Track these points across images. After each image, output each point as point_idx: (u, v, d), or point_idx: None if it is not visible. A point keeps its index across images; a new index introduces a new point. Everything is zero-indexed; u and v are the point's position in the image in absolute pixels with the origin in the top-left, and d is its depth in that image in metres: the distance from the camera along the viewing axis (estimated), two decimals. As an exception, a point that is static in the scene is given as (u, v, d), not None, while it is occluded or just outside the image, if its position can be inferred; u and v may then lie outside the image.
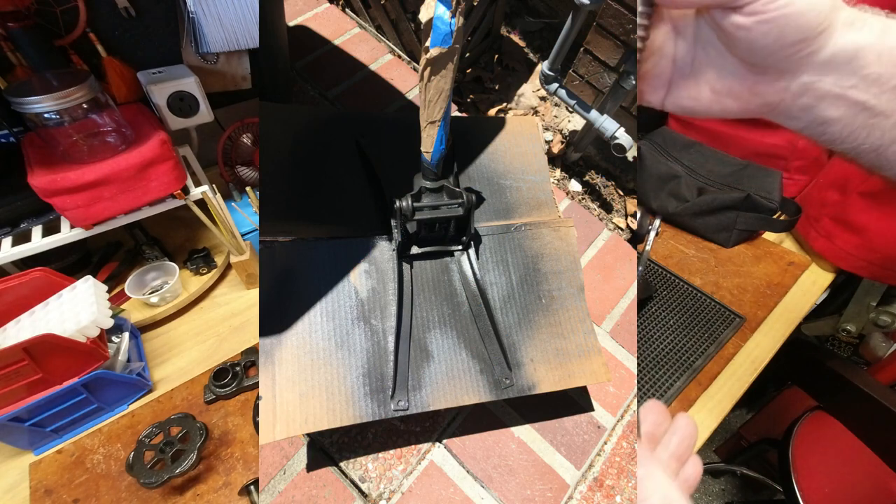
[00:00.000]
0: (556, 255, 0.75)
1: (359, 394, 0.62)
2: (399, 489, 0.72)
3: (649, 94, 0.32)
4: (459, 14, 0.45)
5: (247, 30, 0.93)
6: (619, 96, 0.98)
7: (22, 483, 0.72)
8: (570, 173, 1.22)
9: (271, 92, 1.03)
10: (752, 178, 1.11)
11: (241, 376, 0.82)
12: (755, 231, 1.12)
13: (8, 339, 0.73)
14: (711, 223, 1.11)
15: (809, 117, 0.29)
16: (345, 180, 0.73)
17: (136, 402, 0.82)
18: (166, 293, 0.92)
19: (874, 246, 1.00)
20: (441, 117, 0.54)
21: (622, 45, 1.00)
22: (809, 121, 0.29)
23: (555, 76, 1.02)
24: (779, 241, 1.16)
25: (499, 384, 0.66)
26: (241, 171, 1.10)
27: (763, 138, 1.15)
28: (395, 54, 1.25)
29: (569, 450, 0.79)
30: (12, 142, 0.82)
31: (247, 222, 1.05)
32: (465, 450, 0.77)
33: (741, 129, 1.17)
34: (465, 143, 0.79)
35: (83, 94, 0.72)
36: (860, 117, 0.27)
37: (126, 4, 0.85)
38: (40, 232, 0.81)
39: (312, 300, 0.65)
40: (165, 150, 0.82)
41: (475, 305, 0.69)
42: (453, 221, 0.66)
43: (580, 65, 1.12)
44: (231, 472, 0.73)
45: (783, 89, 0.28)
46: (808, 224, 1.11)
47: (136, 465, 0.68)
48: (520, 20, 1.38)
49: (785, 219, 1.10)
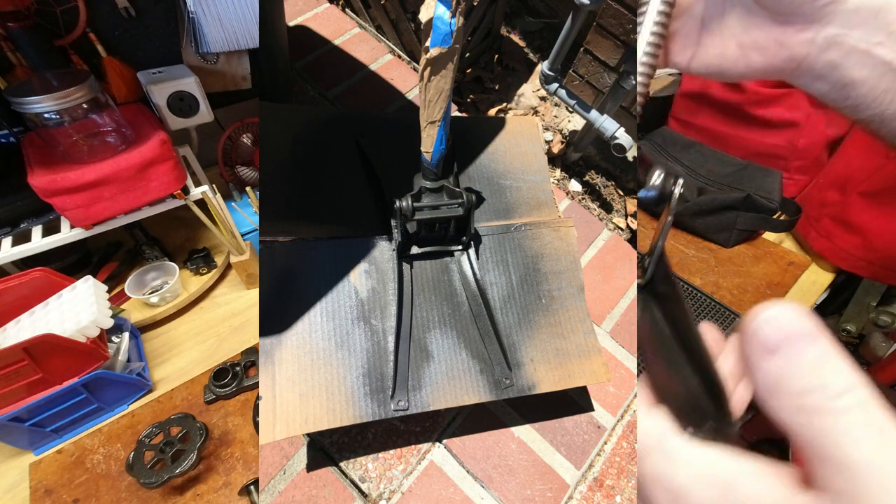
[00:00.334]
0: (556, 255, 0.75)
1: (359, 394, 0.62)
2: (399, 489, 0.72)
3: (677, 54, 0.31)
4: (459, 14, 0.45)
5: (247, 30, 0.93)
6: (619, 96, 0.98)
7: (22, 483, 0.72)
8: (570, 173, 1.22)
9: (271, 92, 1.03)
10: (752, 178, 1.11)
11: (241, 376, 0.82)
12: (755, 231, 1.12)
13: (8, 339, 0.72)
14: (711, 223, 1.11)
15: (834, 77, 0.28)
16: (345, 180, 0.73)
17: (136, 402, 0.82)
18: (166, 293, 0.92)
19: (874, 246, 1.00)
20: (441, 117, 0.54)
21: (622, 45, 1.00)
22: (834, 82, 0.28)
23: (555, 76, 1.02)
24: (779, 241, 1.16)
25: (499, 384, 0.66)
26: (241, 171, 1.10)
27: (763, 138, 1.15)
28: (395, 54, 1.25)
29: (569, 450, 0.79)
30: (12, 142, 0.82)
31: (247, 222, 1.05)
32: (465, 450, 0.77)
33: (741, 129, 1.17)
34: (465, 143, 0.79)
35: (83, 94, 0.72)
36: (886, 79, 0.27)
37: (126, 4, 0.85)
38: (40, 232, 0.81)
39: (312, 300, 0.65)
40: (165, 150, 0.81)
41: (475, 305, 0.69)
42: (453, 221, 0.66)
43: (580, 65, 1.12)
44: (231, 472, 0.73)
45: (809, 41, 0.27)
46: (808, 224, 1.11)
47: (136, 465, 0.68)
48: (520, 20, 1.38)
49: (785, 219, 1.10)
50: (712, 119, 1.18)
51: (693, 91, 1.20)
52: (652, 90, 1.14)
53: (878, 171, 0.96)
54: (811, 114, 1.08)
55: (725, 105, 1.15)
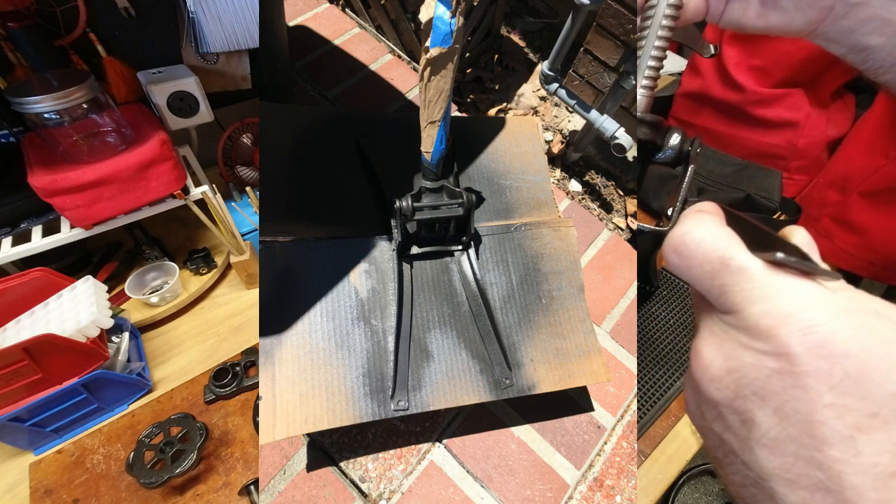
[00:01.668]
0: (556, 255, 0.75)
1: (359, 394, 0.62)
2: (399, 489, 0.72)
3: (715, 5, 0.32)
4: (459, 14, 0.45)
5: (247, 30, 0.93)
6: (619, 96, 0.98)
7: (22, 483, 0.72)
8: (570, 173, 1.22)
9: (271, 92, 1.03)
10: (752, 178, 1.10)
11: (241, 376, 0.82)
12: (755, 231, 1.12)
13: (8, 339, 0.72)
14: (711, 223, 1.11)
15: (851, 41, 0.28)
16: (345, 180, 0.73)
17: (136, 402, 0.82)
18: (166, 293, 0.92)
19: (874, 246, 1.00)
20: (441, 117, 0.54)
21: (622, 45, 1.00)
22: (851, 46, 0.28)
23: (555, 76, 1.02)
24: (779, 241, 1.16)
25: (499, 384, 0.66)
26: (241, 171, 1.10)
27: (763, 138, 1.15)
28: (395, 54, 1.25)
29: (569, 450, 0.79)
30: (12, 142, 0.82)
31: (247, 222, 1.05)
32: (465, 450, 0.77)
33: (741, 129, 1.17)
34: (465, 143, 0.79)
35: (83, 94, 0.72)
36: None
37: (126, 4, 0.85)
38: (40, 232, 0.81)
39: (312, 300, 0.65)
40: (165, 150, 0.81)
41: (475, 305, 0.69)
42: (453, 221, 0.66)
43: (580, 65, 1.12)
44: (231, 472, 0.72)
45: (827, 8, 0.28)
46: (808, 224, 1.11)
47: (136, 465, 0.68)
48: (520, 20, 1.38)
49: (785, 219, 1.10)
50: (712, 119, 1.18)
51: (693, 91, 1.20)
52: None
53: (878, 171, 0.96)
54: (811, 114, 1.08)
55: (725, 105, 1.15)
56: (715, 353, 0.19)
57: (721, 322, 0.19)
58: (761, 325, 0.17)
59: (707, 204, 0.23)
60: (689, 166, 0.28)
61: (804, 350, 0.16)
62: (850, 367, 0.15)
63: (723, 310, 0.19)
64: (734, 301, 0.18)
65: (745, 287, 0.18)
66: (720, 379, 0.19)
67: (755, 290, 0.18)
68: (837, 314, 0.16)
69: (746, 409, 0.17)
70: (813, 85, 1.05)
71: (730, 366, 0.18)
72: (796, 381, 0.16)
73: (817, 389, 0.15)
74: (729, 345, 0.19)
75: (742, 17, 0.32)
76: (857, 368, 0.15)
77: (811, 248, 0.21)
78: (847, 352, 0.15)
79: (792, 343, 0.16)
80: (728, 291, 0.19)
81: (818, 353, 0.16)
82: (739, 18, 0.32)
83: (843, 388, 0.15)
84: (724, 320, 0.19)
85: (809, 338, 0.16)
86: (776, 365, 0.17)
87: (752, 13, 0.31)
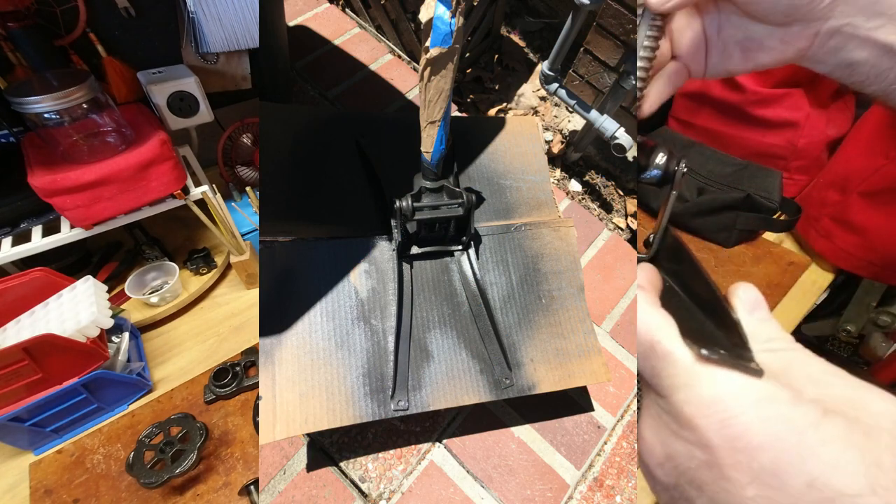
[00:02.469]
0: (556, 255, 0.75)
1: (359, 394, 0.62)
2: (399, 489, 0.72)
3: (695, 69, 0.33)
4: (459, 14, 0.45)
5: (247, 30, 0.93)
6: (619, 96, 0.98)
7: (22, 483, 0.72)
8: (570, 173, 1.22)
9: (271, 92, 1.03)
10: (752, 178, 1.10)
11: (241, 376, 0.82)
12: (755, 231, 1.12)
13: (8, 339, 0.72)
14: (711, 223, 1.11)
15: (836, 60, 0.29)
16: (345, 180, 0.73)
17: (136, 402, 0.82)
18: (166, 293, 0.92)
19: (874, 246, 0.99)
20: (441, 117, 0.54)
21: (622, 45, 1.00)
22: (836, 63, 0.29)
23: (555, 76, 1.02)
24: (779, 241, 1.16)
25: (499, 384, 0.66)
26: (241, 171, 1.10)
27: (763, 138, 1.15)
28: (395, 54, 1.25)
29: (569, 450, 0.79)
30: (12, 142, 0.82)
31: (247, 222, 1.05)
32: (465, 450, 0.77)
33: (741, 129, 1.17)
34: (465, 143, 0.79)
35: (83, 94, 0.72)
36: (886, 59, 0.27)
37: (126, 4, 0.85)
38: (40, 232, 0.81)
39: (312, 300, 0.65)
40: (165, 150, 0.81)
41: (475, 305, 0.69)
42: (453, 221, 0.66)
43: (580, 65, 1.12)
44: (231, 472, 0.72)
45: (812, 36, 0.28)
46: (808, 224, 1.11)
47: (136, 465, 0.68)
48: (520, 20, 1.38)
49: (785, 219, 1.10)
50: (712, 119, 1.18)
51: (693, 91, 1.20)
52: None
53: (878, 171, 0.96)
54: (811, 114, 1.08)
55: (725, 105, 1.15)
56: (654, 437, 0.20)
57: (656, 405, 0.21)
58: (685, 414, 0.18)
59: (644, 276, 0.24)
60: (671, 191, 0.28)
61: (722, 443, 0.17)
62: (766, 459, 0.16)
63: (655, 392, 0.20)
64: (663, 385, 0.20)
65: (671, 373, 0.19)
66: (662, 465, 0.20)
67: (679, 377, 0.19)
68: (752, 405, 0.17)
69: (689, 497, 0.19)
70: (813, 85, 1.05)
71: (667, 452, 0.19)
72: (721, 474, 0.17)
73: (740, 481, 0.17)
74: (664, 431, 0.20)
75: (727, 65, 0.32)
76: (772, 460, 0.16)
77: (757, 305, 0.22)
78: (761, 444, 0.16)
79: (710, 436, 0.17)
80: (657, 375, 0.20)
81: (735, 446, 0.17)
82: (726, 67, 0.32)
83: (762, 479, 0.16)
84: (658, 403, 0.20)
85: (726, 431, 0.17)
86: (703, 457, 0.18)
87: (736, 59, 0.32)
